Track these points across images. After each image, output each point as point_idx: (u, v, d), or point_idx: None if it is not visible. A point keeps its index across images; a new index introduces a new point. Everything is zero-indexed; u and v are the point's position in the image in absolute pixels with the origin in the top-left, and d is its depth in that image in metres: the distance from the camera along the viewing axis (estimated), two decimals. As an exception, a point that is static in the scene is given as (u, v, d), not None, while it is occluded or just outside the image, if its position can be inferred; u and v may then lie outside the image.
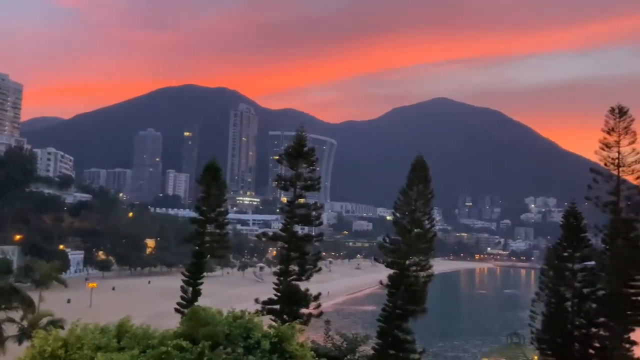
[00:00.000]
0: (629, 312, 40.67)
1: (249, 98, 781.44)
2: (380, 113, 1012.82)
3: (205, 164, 46.73)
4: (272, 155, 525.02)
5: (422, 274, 41.88)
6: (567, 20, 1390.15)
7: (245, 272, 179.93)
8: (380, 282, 43.90)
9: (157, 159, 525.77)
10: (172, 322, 19.53)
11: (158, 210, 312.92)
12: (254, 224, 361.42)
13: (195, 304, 39.15)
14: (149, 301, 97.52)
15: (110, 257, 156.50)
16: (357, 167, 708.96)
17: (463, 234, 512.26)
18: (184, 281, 44.98)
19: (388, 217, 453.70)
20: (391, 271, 42.43)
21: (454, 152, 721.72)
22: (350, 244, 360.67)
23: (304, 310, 40.14)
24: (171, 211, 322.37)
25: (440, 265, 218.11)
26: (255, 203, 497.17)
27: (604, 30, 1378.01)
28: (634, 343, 40.79)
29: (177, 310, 42.03)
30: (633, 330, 40.90)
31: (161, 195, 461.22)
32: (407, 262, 41.42)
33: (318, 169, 45.13)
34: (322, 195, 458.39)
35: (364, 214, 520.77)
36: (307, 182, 42.54)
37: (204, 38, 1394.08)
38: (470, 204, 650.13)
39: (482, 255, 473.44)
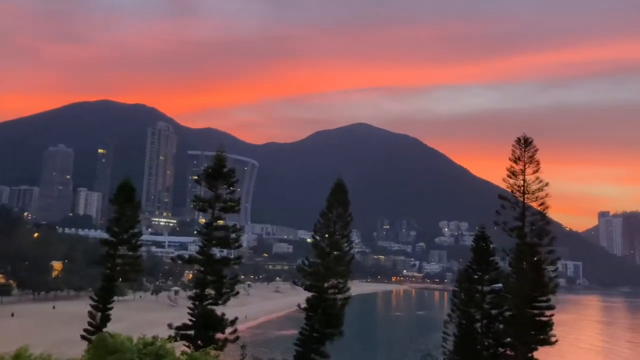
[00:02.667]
0: (532, 332, 42.78)
1: (168, 116, 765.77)
2: (303, 136, 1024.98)
3: (120, 182, 45.00)
4: (191, 175, 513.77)
5: (339, 296, 42.17)
6: (477, 55, 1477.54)
7: (159, 296, 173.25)
8: (299, 306, 43.73)
9: (68, 177, 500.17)
10: (77, 350, 18.36)
11: (67, 230, 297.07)
12: (169, 246, 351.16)
13: (104, 330, 37.21)
14: (53, 328, 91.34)
15: (11, 281, 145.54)
16: (279, 188, 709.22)
17: (381, 256, 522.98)
18: (92, 306, 42.64)
19: (309, 240, 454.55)
20: (310, 294, 42.40)
21: (373, 175, 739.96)
22: (270, 266, 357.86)
23: (219, 335, 39.17)
24: (81, 232, 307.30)
25: (358, 288, 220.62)
26: (171, 224, 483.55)
27: (511, 66, 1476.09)
28: (537, 361, 42.89)
29: (83, 337, 39.69)
30: (536, 349, 43.02)
31: (71, 214, 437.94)
32: (326, 284, 41.58)
33: (238, 190, 44.57)
34: (242, 216, 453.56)
35: (285, 236, 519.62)
36: (226, 204, 41.88)
37: (122, 53, 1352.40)
38: (388, 227, 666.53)
39: (398, 278, 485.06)
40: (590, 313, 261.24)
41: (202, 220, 49.19)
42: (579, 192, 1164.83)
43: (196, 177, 45.41)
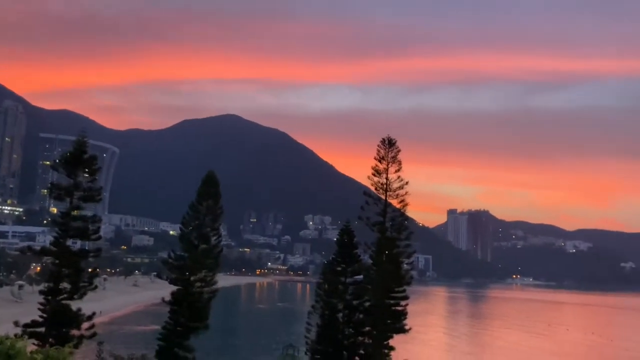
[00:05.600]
0: (389, 321, 45.67)
1: (18, 94, 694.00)
2: (169, 124, 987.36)
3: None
4: (42, 160, 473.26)
5: (206, 289, 41.62)
6: (347, 56, 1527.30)
7: (0, 290, 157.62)
8: (163, 300, 42.46)
9: None
10: None
11: None
12: (14, 236, 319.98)
13: None
14: None
15: None
16: (141, 178, 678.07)
17: (246, 249, 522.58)
18: None
19: (172, 232, 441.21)
20: (174, 288, 41.34)
21: (241, 168, 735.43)
22: (129, 259, 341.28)
23: (74, 332, 36.71)
24: None
25: (222, 281, 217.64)
26: (17, 213, 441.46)
27: (377, 69, 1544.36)
28: (392, 348, 45.90)
29: None
30: (392, 337, 46.00)
31: None
32: (192, 278, 40.78)
33: (97, 178, 41.82)
34: (99, 206, 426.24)
35: (146, 228, 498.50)
36: (86, 193, 39.23)
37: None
38: (255, 220, 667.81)
39: (263, 270, 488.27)
40: (437, 302, 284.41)
41: (54, 210, 45.59)
42: (431, 191, 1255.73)
43: (50, 162, 42.16)
